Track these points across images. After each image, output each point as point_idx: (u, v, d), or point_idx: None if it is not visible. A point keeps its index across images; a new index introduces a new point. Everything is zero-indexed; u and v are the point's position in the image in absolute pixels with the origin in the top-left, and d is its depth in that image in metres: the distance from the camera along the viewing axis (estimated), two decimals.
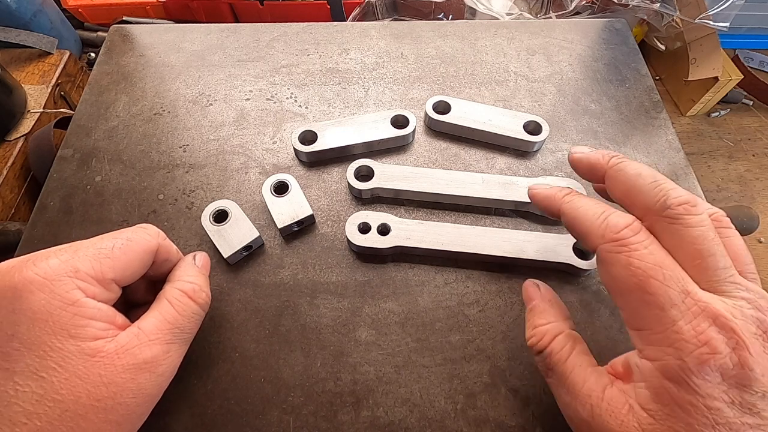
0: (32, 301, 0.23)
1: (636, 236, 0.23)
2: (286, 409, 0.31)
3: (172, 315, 0.27)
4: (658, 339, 0.21)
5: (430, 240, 0.36)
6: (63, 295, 0.23)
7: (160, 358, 0.25)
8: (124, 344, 0.24)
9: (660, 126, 0.45)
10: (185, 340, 0.28)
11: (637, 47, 0.51)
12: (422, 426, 0.30)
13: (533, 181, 0.39)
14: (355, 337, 0.33)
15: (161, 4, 1.22)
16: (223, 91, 0.47)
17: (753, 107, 1.43)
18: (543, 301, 0.29)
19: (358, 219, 0.37)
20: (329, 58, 0.49)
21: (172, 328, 0.27)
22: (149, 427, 0.26)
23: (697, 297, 0.21)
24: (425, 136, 0.44)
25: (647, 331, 0.22)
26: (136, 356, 0.24)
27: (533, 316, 0.29)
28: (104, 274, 0.25)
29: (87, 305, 0.24)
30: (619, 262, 0.23)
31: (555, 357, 0.26)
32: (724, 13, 1.10)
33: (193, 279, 0.29)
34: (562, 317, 0.28)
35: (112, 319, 0.25)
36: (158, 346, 0.25)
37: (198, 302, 0.29)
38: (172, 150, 0.43)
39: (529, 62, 0.49)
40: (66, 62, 0.89)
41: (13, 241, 0.41)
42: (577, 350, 0.26)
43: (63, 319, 0.23)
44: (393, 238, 0.36)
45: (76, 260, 0.24)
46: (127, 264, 0.26)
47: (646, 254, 0.22)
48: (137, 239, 0.28)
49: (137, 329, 0.25)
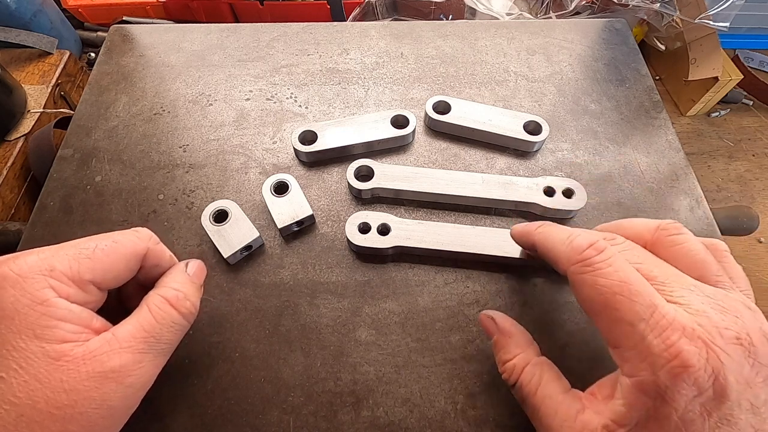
0: (2, 297, 0.22)
1: (600, 255, 0.23)
2: (286, 409, 0.31)
3: (149, 323, 0.25)
4: (632, 355, 0.21)
5: (430, 240, 0.36)
6: (33, 293, 0.22)
7: (129, 367, 0.24)
8: (93, 350, 0.23)
9: (660, 126, 0.45)
10: (162, 351, 0.26)
11: (637, 47, 0.51)
12: (422, 426, 0.30)
13: (533, 181, 0.39)
14: (355, 337, 0.33)
15: (161, 4, 1.22)
16: (223, 91, 0.47)
17: (753, 107, 1.43)
18: (503, 335, 0.29)
19: (358, 219, 0.37)
20: (329, 58, 0.49)
21: (148, 336, 0.25)
22: (149, 426, 0.26)
23: (664, 311, 0.21)
24: (425, 136, 0.44)
25: (621, 348, 0.22)
26: (104, 363, 0.23)
27: (498, 351, 0.29)
28: (81, 274, 0.24)
29: (57, 306, 0.23)
30: (585, 282, 0.23)
31: (525, 390, 0.26)
32: (724, 13, 1.10)
33: (179, 286, 0.28)
34: (526, 345, 0.28)
35: (86, 322, 0.24)
36: (129, 355, 0.24)
37: (180, 311, 0.27)
38: (172, 150, 0.43)
39: (529, 62, 0.49)
40: (66, 62, 0.89)
41: (13, 241, 0.41)
42: (546, 379, 0.26)
43: (29, 318, 0.22)
44: (393, 238, 0.36)
45: (54, 259, 0.23)
46: (109, 266, 0.25)
47: (611, 272, 0.22)
48: (124, 242, 0.26)
49: (111, 335, 0.24)
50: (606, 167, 0.42)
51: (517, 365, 0.27)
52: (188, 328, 0.28)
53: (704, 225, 0.39)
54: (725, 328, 0.21)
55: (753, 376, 0.20)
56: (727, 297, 0.22)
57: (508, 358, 0.28)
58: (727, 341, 0.20)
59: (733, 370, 0.20)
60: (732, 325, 0.21)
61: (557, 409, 0.24)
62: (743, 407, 0.20)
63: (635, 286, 0.22)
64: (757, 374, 0.20)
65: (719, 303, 0.22)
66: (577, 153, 0.43)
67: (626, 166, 0.42)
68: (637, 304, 0.21)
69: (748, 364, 0.20)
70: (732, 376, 0.20)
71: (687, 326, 0.20)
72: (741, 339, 0.20)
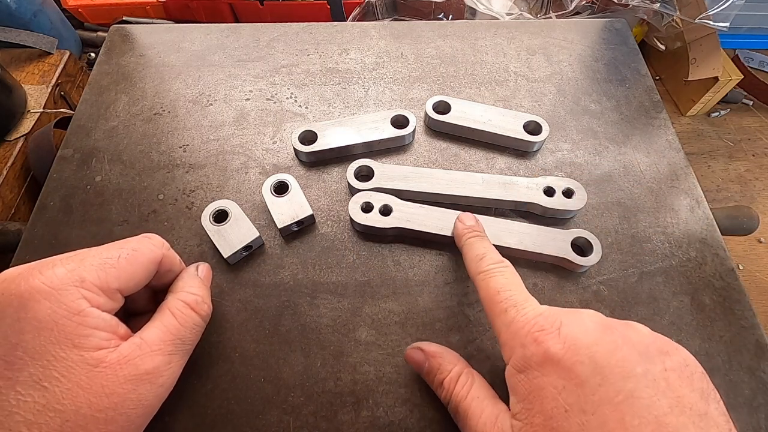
0: (38, 310, 0.22)
1: (494, 265, 0.30)
2: (286, 409, 0.31)
3: (175, 326, 0.27)
4: (506, 338, 0.26)
5: (431, 224, 0.36)
6: (68, 304, 0.23)
7: (161, 368, 0.25)
8: (127, 354, 0.24)
9: (660, 126, 0.45)
10: (186, 351, 0.28)
11: (637, 47, 0.51)
12: (422, 426, 0.30)
13: (533, 181, 0.39)
14: (355, 337, 0.33)
15: (161, 4, 1.22)
16: (223, 91, 0.47)
17: (753, 107, 1.43)
18: (434, 358, 0.30)
19: (361, 198, 0.37)
20: (329, 58, 0.49)
21: (174, 339, 0.27)
22: (149, 426, 0.26)
23: (528, 303, 0.27)
24: (425, 136, 0.44)
25: (501, 336, 0.26)
26: (138, 367, 0.24)
27: (433, 375, 0.30)
28: (109, 284, 0.25)
29: (92, 315, 0.24)
30: (482, 285, 0.29)
31: (458, 396, 0.28)
32: (724, 13, 1.10)
33: (196, 290, 0.29)
34: (456, 361, 0.30)
35: (114, 329, 0.25)
36: (160, 357, 0.26)
37: (200, 314, 0.29)
38: (172, 150, 0.43)
39: (529, 62, 0.49)
40: (66, 62, 0.89)
41: (13, 241, 0.41)
42: (476, 385, 0.28)
43: (67, 329, 0.23)
44: (394, 219, 0.36)
45: (83, 270, 0.24)
46: (132, 274, 0.26)
47: (498, 277, 0.29)
48: (143, 249, 0.28)
49: (140, 340, 0.25)
50: (606, 167, 0.42)
51: (452, 378, 0.29)
52: (204, 327, 0.30)
53: (704, 225, 0.39)
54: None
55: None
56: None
57: (444, 376, 0.29)
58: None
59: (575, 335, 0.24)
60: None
61: (484, 410, 0.26)
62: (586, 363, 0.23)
63: (513, 287, 0.28)
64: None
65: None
66: (577, 153, 0.43)
67: (626, 166, 0.42)
68: (512, 297, 0.27)
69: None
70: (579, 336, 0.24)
71: (541, 311, 0.26)
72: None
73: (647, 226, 0.39)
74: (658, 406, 0.20)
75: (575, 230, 0.36)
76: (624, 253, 0.37)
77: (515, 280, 0.29)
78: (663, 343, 0.23)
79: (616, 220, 0.39)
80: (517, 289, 0.28)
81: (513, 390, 0.25)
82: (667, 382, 0.21)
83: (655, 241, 0.38)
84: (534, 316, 0.25)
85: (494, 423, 0.25)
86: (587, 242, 0.36)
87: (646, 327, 0.24)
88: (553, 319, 0.25)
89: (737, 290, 0.36)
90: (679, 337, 0.34)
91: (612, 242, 0.38)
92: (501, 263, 0.30)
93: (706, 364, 0.32)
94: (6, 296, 0.23)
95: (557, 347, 0.23)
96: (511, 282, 0.29)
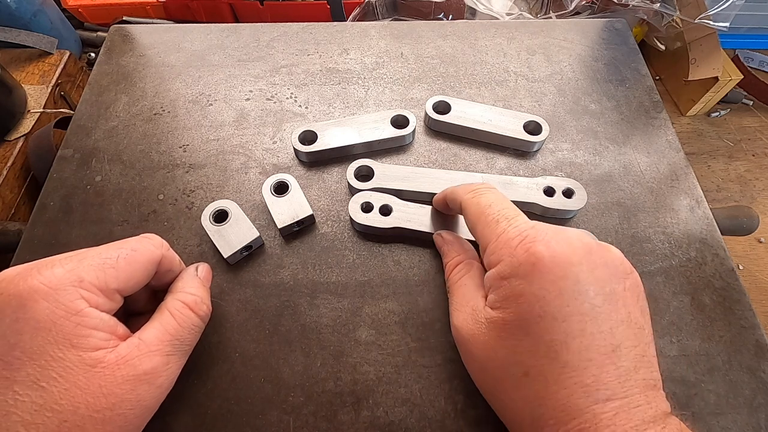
0: (36, 310, 0.22)
1: (482, 186, 0.31)
2: (286, 409, 0.31)
3: (174, 326, 0.27)
4: (495, 247, 0.27)
5: (431, 224, 0.36)
6: (67, 304, 0.23)
7: (159, 369, 0.25)
8: (125, 355, 0.24)
9: (660, 126, 0.45)
10: (185, 352, 0.28)
11: (637, 47, 0.51)
12: (422, 426, 0.30)
13: (533, 181, 0.39)
14: (355, 337, 0.33)
15: (161, 4, 1.22)
16: (223, 91, 0.47)
17: (753, 107, 1.43)
18: (446, 243, 0.35)
19: (361, 198, 0.37)
20: (329, 58, 0.49)
21: (173, 339, 0.27)
22: (149, 426, 0.26)
23: (519, 217, 0.28)
24: (425, 136, 0.44)
25: (489, 245, 0.28)
26: (136, 367, 0.24)
27: (444, 257, 0.35)
28: (108, 284, 0.25)
29: (90, 315, 0.24)
30: (472, 202, 0.31)
31: (452, 279, 0.32)
32: (724, 13, 1.10)
33: (195, 291, 0.29)
34: (462, 251, 0.33)
35: (113, 329, 0.25)
36: (158, 358, 0.25)
37: (199, 314, 0.29)
38: (172, 150, 0.43)
39: (529, 62, 0.49)
40: (66, 62, 0.89)
41: (13, 241, 0.41)
42: (470, 274, 0.31)
43: (66, 329, 0.23)
44: (394, 219, 0.36)
45: (81, 270, 0.24)
46: (131, 274, 0.26)
47: (488, 194, 0.30)
48: (142, 250, 0.27)
49: (138, 340, 0.25)
50: (606, 167, 0.42)
51: (452, 263, 0.33)
52: (203, 328, 0.30)
53: (704, 225, 0.39)
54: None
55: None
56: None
57: (449, 259, 0.33)
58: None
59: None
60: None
61: (466, 294, 0.30)
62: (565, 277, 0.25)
63: (502, 202, 0.29)
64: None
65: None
66: (577, 153, 0.43)
67: (626, 166, 0.42)
68: (502, 210, 0.28)
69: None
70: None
71: (533, 224, 0.27)
72: None
73: (647, 226, 0.39)
74: (614, 319, 0.24)
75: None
76: (624, 253, 0.37)
77: (504, 197, 0.30)
78: (627, 266, 0.26)
79: (616, 220, 0.39)
80: (508, 205, 0.29)
81: (493, 291, 0.27)
82: (624, 300, 0.25)
83: (655, 241, 0.38)
84: (526, 228, 0.26)
85: (469, 303, 0.29)
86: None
87: (618, 250, 0.27)
88: (544, 233, 0.26)
89: (737, 290, 0.36)
90: (679, 337, 0.34)
91: (612, 242, 0.38)
92: (489, 184, 0.32)
93: (706, 364, 0.32)
94: (4, 296, 0.23)
95: (546, 259, 0.24)
96: (501, 199, 0.30)
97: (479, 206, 0.30)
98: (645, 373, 0.24)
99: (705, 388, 0.32)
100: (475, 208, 0.30)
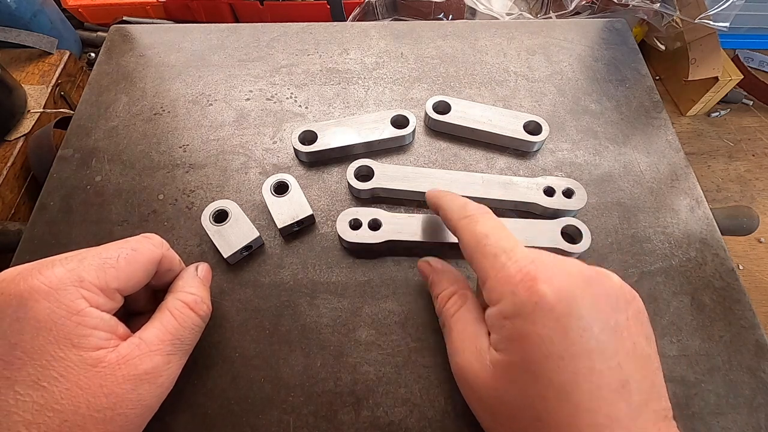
0: (37, 309, 0.22)
1: (476, 212, 0.30)
2: (286, 409, 0.31)
3: (174, 326, 0.27)
4: (494, 283, 0.26)
5: (422, 233, 0.36)
6: (68, 304, 0.23)
7: (160, 368, 0.25)
8: (125, 354, 0.24)
9: (660, 126, 0.45)
10: (185, 351, 0.28)
11: (637, 47, 0.51)
12: (422, 426, 0.30)
13: (533, 181, 0.39)
14: (355, 337, 0.33)
15: (161, 4, 1.22)
16: (223, 91, 0.47)
17: (753, 107, 1.43)
18: (435, 272, 0.33)
19: (348, 216, 0.37)
20: (329, 58, 0.49)
21: (173, 339, 0.27)
22: (149, 426, 0.26)
23: (519, 249, 0.26)
24: (425, 136, 0.44)
25: (488, 281, 0.26)
26: (137, 367, 0.24)
27: (433, 288, 0.33)
28: (108, 284, 0.25)
29: (91, 315, 0.24)
30: (467, 228, 0.29)
31: (447, 312, 0.30)
32: (724, 13, 1.10)
33: (195, 290, 0.29)
34: (454, 280, 0.32)
35: (114, 329, 0.25)
36: (159, 357, 0.26)
37: (199, 314, 0.29)
38: (172, 150, 0.43)
39: (529, 62, 0.49)
40: (66, 62, 0.89)
41: (13, 241, 0.41)
42: (466, 307, 0.29)
43: (66, 329, 0.23)
44: (384, 232, 0.36)
45: (82, 270, 0.24)
46: (131, 274, 0.26)
47: (483, 222, 0.29)
48: (142, 249, 0.27)
49: (138, 340, 0.25)
50: (606, 167, 0.42)
51: (445, 294, 0.31)
52: (204, 328, 0.30)
53: (704, 225, 0.39)
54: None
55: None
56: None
57: (440, 291, 0.32)
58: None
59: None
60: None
61: (466, 328, 0.28)
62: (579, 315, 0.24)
63: (500, 232, 0.28)
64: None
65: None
66: (577, 153, 0.43)
67: (626, 166, 0.42)
68: (500, 242, 0.27)
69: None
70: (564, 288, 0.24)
71: (532, 258, 0.26)
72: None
73: (647, 226, 0.39)
74: (621, 353, 0.23)
75: (564, 219, 0.37)
76: (624, 253, 0.37)
77: (500, 224, 0.29)
78: (627, 292, 0.25)
79: (616, 220, 0.39)
80: (505, 234, 0.28)
81: (495, 330, 0.26)
82: (628, 330, 0.24)
83: (655, 241, 0.38)
84: (526, 264, 0.25)
85: (473, 342, 0.27)
86: (576, 230, 0.36)
87: (617, 276, 0.26)
88: (544, 269, 0.25)
89: (737, 290, 0.36)
90: (679, 337, 0.34)
91: (612, 242, 0.38)
92: (484, 208, 0.30)
93: (706, 364, 0.32)
94: (5, 296, 0.23)
95: (549, 297, 0.24)
96: (497, 227, 0.29)
97: (475, 236, 0.28)
98: (656, 404, 0.23)
99: (705, 388, 0.32)
100: (470, 238, 0.29)
